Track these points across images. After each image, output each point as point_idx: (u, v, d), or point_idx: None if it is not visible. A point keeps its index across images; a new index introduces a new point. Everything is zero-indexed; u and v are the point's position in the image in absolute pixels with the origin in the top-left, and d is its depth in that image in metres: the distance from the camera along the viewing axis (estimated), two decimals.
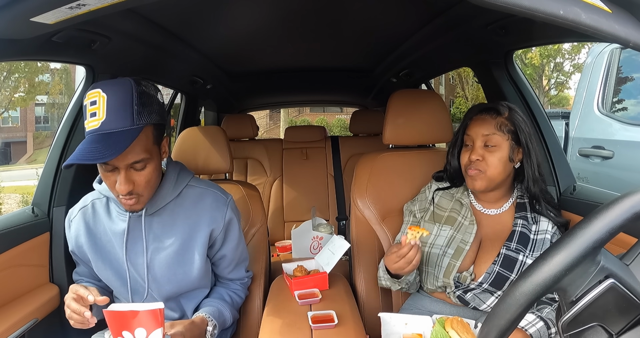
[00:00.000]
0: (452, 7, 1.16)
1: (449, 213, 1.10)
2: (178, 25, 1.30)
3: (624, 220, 0.42)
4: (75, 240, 0.99)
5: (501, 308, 0.45)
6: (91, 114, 0.81)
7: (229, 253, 1.06)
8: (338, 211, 2.47)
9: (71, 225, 1.00)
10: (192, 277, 0.99)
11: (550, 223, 1.02)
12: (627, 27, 0.55)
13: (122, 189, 0.84)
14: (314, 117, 16.37)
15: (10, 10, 0.67)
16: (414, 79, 2.11)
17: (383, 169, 1.32)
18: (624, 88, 2.45)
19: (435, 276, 1.04)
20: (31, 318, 1.05)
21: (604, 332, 0.44)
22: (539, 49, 12.77)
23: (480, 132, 1.02)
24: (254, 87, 2.58)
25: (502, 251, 0.99)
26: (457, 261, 1.01)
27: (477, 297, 1.00)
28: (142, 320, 0.77)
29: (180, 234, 0.98)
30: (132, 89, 0.82)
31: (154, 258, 0.97)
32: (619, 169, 2.22)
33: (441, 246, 1.05)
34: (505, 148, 1.00)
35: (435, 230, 1.09)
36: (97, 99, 0.80)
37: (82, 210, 1.00)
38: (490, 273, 0.98)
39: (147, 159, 0.86)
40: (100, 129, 0.79)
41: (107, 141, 0.79)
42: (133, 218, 0.96)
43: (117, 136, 0.79)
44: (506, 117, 1.01)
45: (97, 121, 0.80)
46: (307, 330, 0.91)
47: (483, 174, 1.01)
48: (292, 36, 1.57)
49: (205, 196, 1.01)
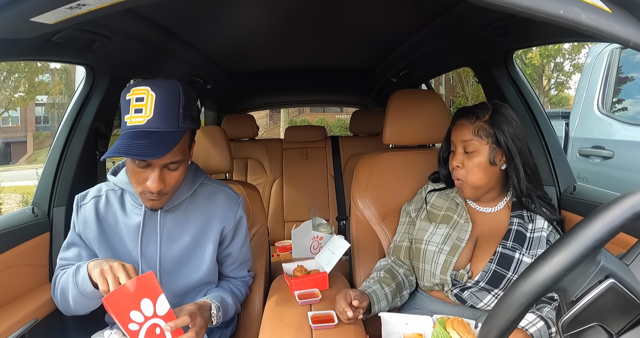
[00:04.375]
0: (452, 7, 1.16)
1: (444, 212, 1.11)
2: (178, 25, 1.30)
3: (624, 220, 0.42)
4: (84, 225, 0.98)
5: (501, 308, 0.45)
6: (136, 110, 0.82)
7: (235, 251, 1.09)
8: (338, 211, 2.47)
9: (80, 210, 0.99)
10: (202, 272, 1.02)
11: (545, 221, 1.02)
12: (627, 27, 0.55)
13: (154, 187, 0.86)
14: (314, 117, 16.37)
15: (10, 10, 0.67)
16: (414, 79, 2.11)
17: (383, 169, 1.32)
18: (624, 88, 2.45)
19: (432, 273, 1.05)
20: (31, 318, 1.05)
21: (604, 332, 0.44)
22: (539, 49, 12.77)
23: (459, 138, 1.03)
24: (254, 87, 2.58)
25: (499, 250, 1.00)
26: (453, 257, 1.02)
27: (474, 295, 1.00)
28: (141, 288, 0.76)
29: (193, 230, 1.00)
30: (180, 92, 0.85)
31: (166, 253, 0.99)
32: (619, 169, 2.22)
33: (437, 243, 1.06)
34: (484, 153, 1.00)
35: (431, 228, 1.10)
36: (145, 96, 0.82)
37: (95, 199, 1.00)
38: (487, 272, 0.99)
39: (181, 161, 0.89)
40: (146, 127, 0.82)
41: (152, 139, 0.81)
42: (148, 213, 0.97)
43: (164, 136, 0.82)
44: (485, 120, 1.01)
45: (143, 118, 0.82)
46: (307, 330, 0.91)
47: (465, 183, 1.03)
48: (292, 36, 1.57)
49: (218, 195, 1.05)
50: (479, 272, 1.00)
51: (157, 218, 0.98)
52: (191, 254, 1.01)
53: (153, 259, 0.98)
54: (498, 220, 1.06)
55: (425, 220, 1.12)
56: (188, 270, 1.01)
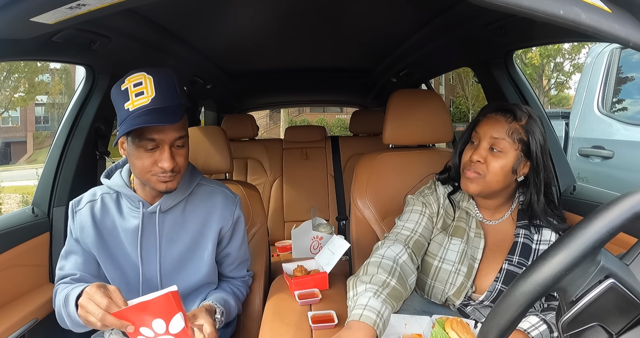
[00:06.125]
0: (452, 7, 1.16)
1: (456, 222, 1.03)
2: (178, 25, 1.30)
3: (624, 220, 0.42)
4: (81, 231, 0.97)
5: (501, 307, 0.45)
6: (137, 94, 0.85)
7: (234, 251, 1.09)
8: (338, 211, 2.47)
9: (75, 216, 0.98)
10: (202, 273, 1.02)
11: (552, 232, 0.97)
12: (627, 27, 0.55)
13: (169, 165, 0.88)
14: (314, 117, 16.38)
15: (10, 10, 0.67)
16: (414, 79, 2.11)
17: (383, 169, 1.32)
18: (623, 88, 2.45)
19: (444, 292, 0.99)
20: (31, 318, 1.05)
21: (604, 332, 0.44)
22: (539, 49, 12.77)
23: (490, 133, 0.93)
24: (254, 87, 2.58)
25: (504, 267, 0.95)
26: (469, 280, 0.96)
27: (478, 310, 0.99)
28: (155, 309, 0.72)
29: (192, 231, 1.01)
30: (171, 74, 0.90)
31: (166, 255, 0.98)
32: (619, 169, 2.22)
33: (453, 262, 0.98)
34: (511, 157, 0.92)
35: (445, 242, 1.01)
36: (142, 80, 0.85)
37: (91, 203, 0.99)
38: (492, 291, 0.95)
39: (186, 136, 0.93)
40: (152, 105, 0.84)
41: (161, 114, 0.84)
42: (147, 215, 0.97)
43: (170, 110, 0.85)
44: (522, 124, 0.92)
45: (147, 98, 0.84)
46: (307, 330, 0.91)
47: (481, 179, 0.94)
48: (292, 36, 1.57)
49: (216, 194, 1.05)
50: (484, 290, 0.96)
51: (155, 220, 0.97)
52: (190, 255, 1.01)
53: (153, 262, 0.98)
54: (503, 231, 1.00)
55: (441, 230, 1.03)
56: (188, 271, 1.01)
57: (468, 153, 0.97)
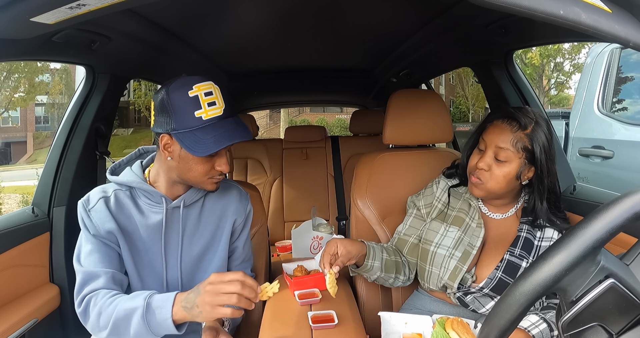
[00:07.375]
0: (452, 7, 1.16)
1: (457, 213, 1.07)
2: (178, 25, 1.30)
3: (624, 220, 0.42)
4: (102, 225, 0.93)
5: (501, 307, 0.45)
6: (209, 103, 0.88)
7: (240, 245, 1.11)
8: (338, 211, 2.47)
9: (90, 213, 0.93)
10: (216, 265, 1.03)
11: (555, 231, 1.00)
12: (627, 27, 0.55)
13: (227, 168, 0.95)
14: (314, 117, 16.37)
15: (10, 10, 0.67)
16: (414, 79, 2.11)
17: (383, 169, 1.32)
18: (623, 88, 2.45)
19: (439, 277, 1.03)
20: (31, 318, 1.05)
21: (604, 331, 0.44)
22: (539, 49, 12.77)
23: (495, 142, 0.96)
24: (254, 87, 2.58)
25: (506, 257, 0.98)
26: (464, 265, 0.99)
27: (477, 300, 1.00)
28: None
29: (211, 224, 1.03)
30: None
31: (187, 250, 1.00)
32: (619, 169, 2.22)
33: (448, 247, 1.03)
34: (514, 165, 0.95)
35: (442, 230, 1.07)
36: (212, 90, 0.89)
37: (104, 199, 0.95)
38: (492, 279, 0.97)
39: None
40: (224, 116, 0.89)
41: (238, 125, 0.91)
42: (169, 211, 0.97)
43: (240, 123, 0.92)
44: (527, 133, 0.93)
45: (219, 109, 0.88)
46: (307, 330, 0.91)
47: (483, 185, 0.98)
48: (292, 36, 1.57)
49: (231, 189, 1.09)
50: (484, 279, 0.98)
51: (179, 215, 0.98)
52: (209, 247, 1.03)
53: (174, 257, 0.99)
54: (507, 226, 1.03)
55: (436, 219, 1.09)
56: (205, 263, 1.03)
57: (475, 158, 1.01)
